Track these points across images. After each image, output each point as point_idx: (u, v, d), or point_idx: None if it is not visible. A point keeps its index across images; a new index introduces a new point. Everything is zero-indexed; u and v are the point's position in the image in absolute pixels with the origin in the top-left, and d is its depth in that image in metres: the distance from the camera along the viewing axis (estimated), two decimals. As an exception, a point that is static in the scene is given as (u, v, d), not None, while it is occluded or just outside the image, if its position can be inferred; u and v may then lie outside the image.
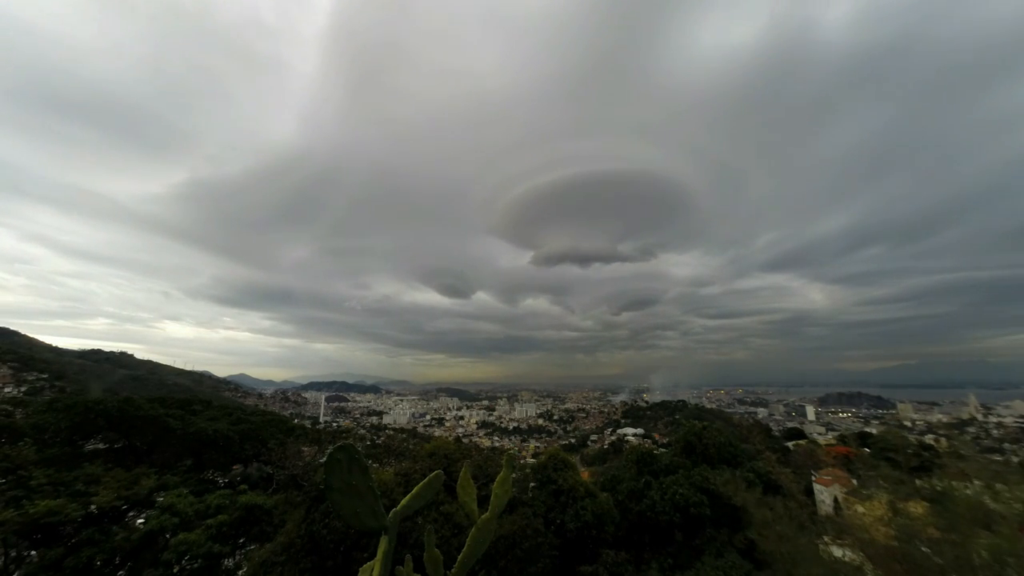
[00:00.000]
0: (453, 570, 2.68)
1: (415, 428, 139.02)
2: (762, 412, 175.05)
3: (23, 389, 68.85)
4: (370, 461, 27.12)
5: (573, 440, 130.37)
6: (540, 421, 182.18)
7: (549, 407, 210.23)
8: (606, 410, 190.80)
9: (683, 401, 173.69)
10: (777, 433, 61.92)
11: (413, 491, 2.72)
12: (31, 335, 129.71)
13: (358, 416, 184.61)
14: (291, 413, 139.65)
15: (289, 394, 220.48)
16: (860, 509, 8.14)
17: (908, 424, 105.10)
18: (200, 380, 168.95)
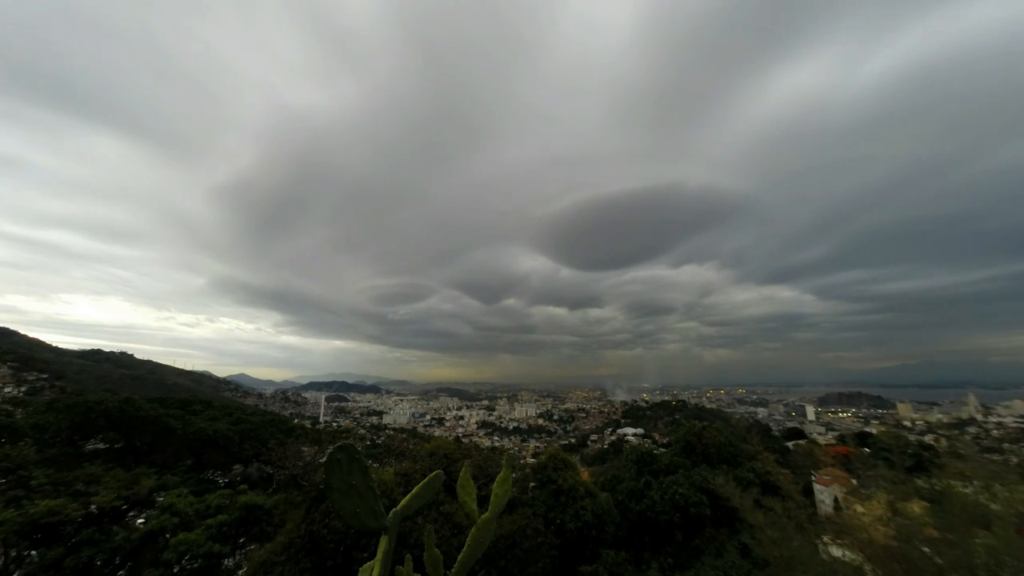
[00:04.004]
0: (453, 570, 2.69)
1: (415, 428, 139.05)
2: (762, 412, 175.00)
3: (23, 389, 68.77)
4: (370, 461, 27.12)
5: (573, 440, 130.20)
6: (540, 421, 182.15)
7: (549, 407, 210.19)
8: (606, 410, 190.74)
9: (683, 401, 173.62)
10: (777, 433, 61.83)
11: (413, 491, 2.73)
12: (31, 335, 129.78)
13: (358, 416, 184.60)
14: (291, 413, 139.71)
15: (289, 394, 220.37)
16: (859, 509, 8.13)
17: (908, 424, 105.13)
18: (200, 380, 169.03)
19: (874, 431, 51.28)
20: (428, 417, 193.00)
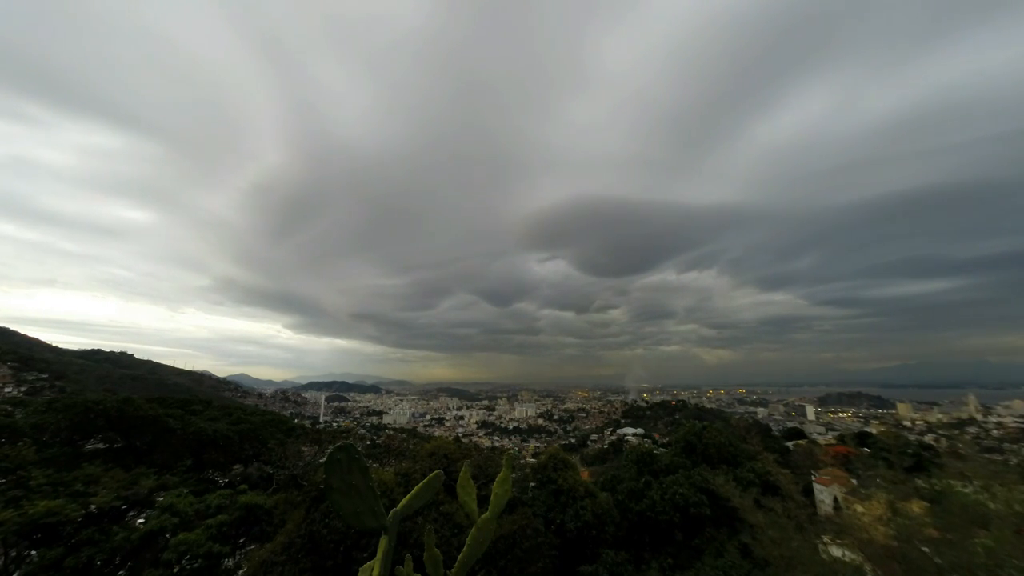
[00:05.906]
0: (453, 570, 2.68)
1: (415, 428, 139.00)
2: (762, 412, 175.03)
3: (23, 389, 68.79)
4: (370, 461, 27.10)
5: (573, 440, 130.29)
6: (540, 421, 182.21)
7: (549, 407, 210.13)
8: (606, 410, 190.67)
9: (683, 401, 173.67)
10: (777, 433, 61.84)
11: (413, 491, 2.73)
12: (31, 335, 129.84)
13: (358, 416, 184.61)
14: (291, 413, 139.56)
15: (289, 394, 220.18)
16: (859, 509, 8.13)
17: (908, 424, 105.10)
18: (200, 380, 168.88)
19: (874, 431, 51.27)
20: (428, 417, 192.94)
